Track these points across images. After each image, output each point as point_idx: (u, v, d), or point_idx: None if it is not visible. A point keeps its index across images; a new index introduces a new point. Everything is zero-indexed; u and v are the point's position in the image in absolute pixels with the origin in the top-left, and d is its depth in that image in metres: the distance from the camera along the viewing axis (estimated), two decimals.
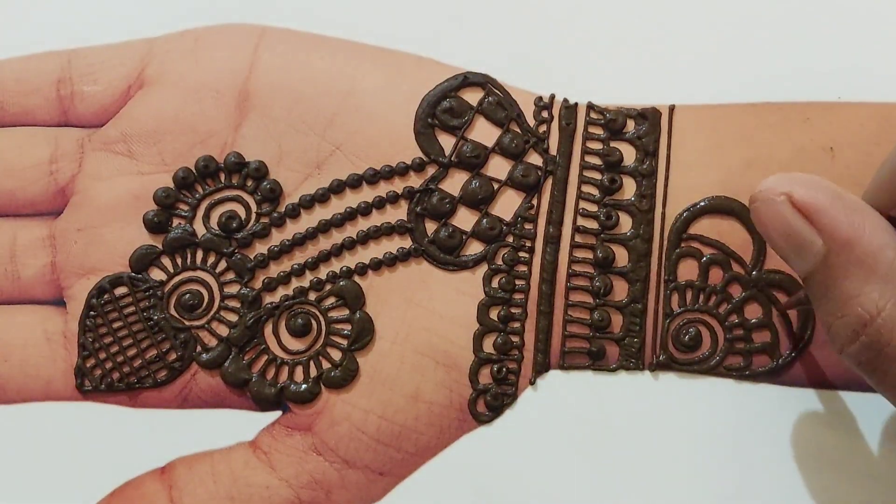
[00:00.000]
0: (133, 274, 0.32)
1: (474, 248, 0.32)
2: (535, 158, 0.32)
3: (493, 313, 0.31)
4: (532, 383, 0.31)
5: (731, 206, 0.31)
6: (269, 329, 0.32)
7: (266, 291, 0.32)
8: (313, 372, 0.31)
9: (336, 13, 0.33)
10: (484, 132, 0.32)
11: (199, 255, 0.32)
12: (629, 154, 0.32)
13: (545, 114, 0.32)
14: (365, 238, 0.32)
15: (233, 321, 0.31)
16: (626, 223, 0.31)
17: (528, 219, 0.32)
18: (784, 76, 0.32)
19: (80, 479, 0.31)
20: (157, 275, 0.32)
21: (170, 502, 0.30)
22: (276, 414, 0.31)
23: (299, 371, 0.31)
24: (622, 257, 0.31)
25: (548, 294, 0.31)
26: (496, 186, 0.32)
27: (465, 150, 0.32)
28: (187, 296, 0.31)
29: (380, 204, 0.32)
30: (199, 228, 0.32)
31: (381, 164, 0.32)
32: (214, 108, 0.32)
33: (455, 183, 0.32)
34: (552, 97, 0.32)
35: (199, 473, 0.31)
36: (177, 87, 0.32)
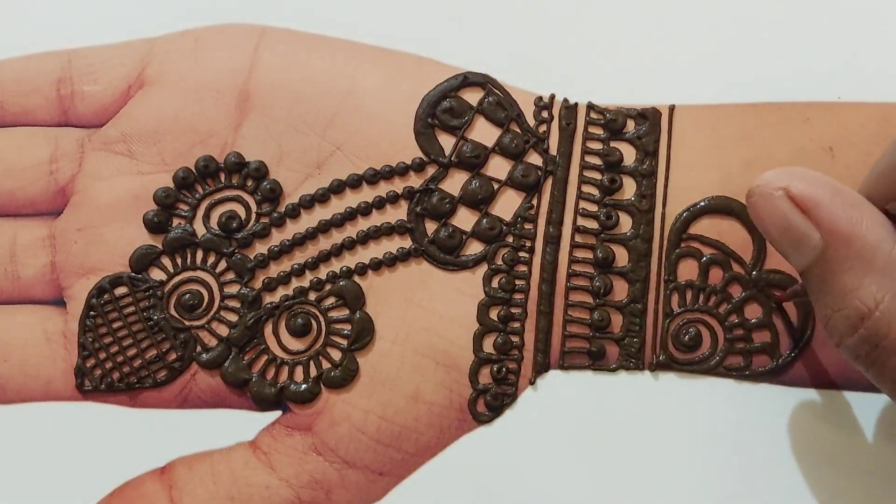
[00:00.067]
0: (133, 274, 0.32)
1: (474, 248, 0.32)
2: (535, 158, 0.32)
3: (493, 313, 0.31)
4: (532, 383, 0.31)
5: (731, 206, 0.31)
6: (269, 329, 0.32)
7: (266, 291, 0.32)
8: (313, 372, 0.31)
9: (336, 13, 0.33)
10: (484, 132, 0.32)
11: (199, 255, 0.32)
12: (629, 154, 0.32)
13: (545, 114, 0.32)
14: (365, 238, 0.32)
15: (233, 321, 0.31)
16: (626, 223, 0.31)
17: (528, 219, 0.31)
18: (784, 76, 0.32)
19: (80, 479, 0.31)
20: (157, 275, 0.32)
21: (170, 502, 0.30)
22: (276, 414, 0.31)
23: (299, 371, 0.31)
24: (622, 257, 0.31)
25: (548, 294, 0.31)
26: (496, 186, 0.32)
27: (465, 150, 0.32)
28: (187, 296, 0.31)
29: (380, 204, 0.32)
30: (199, 228, 0.32)
31: (381, 164, 0.32)
32: (214, 108, 0.32)
33: (455, 183, 0.32)
34: (552, 97, 0.32)
35: (198, 473, 0.31)
36: (177, 87, 0.32)
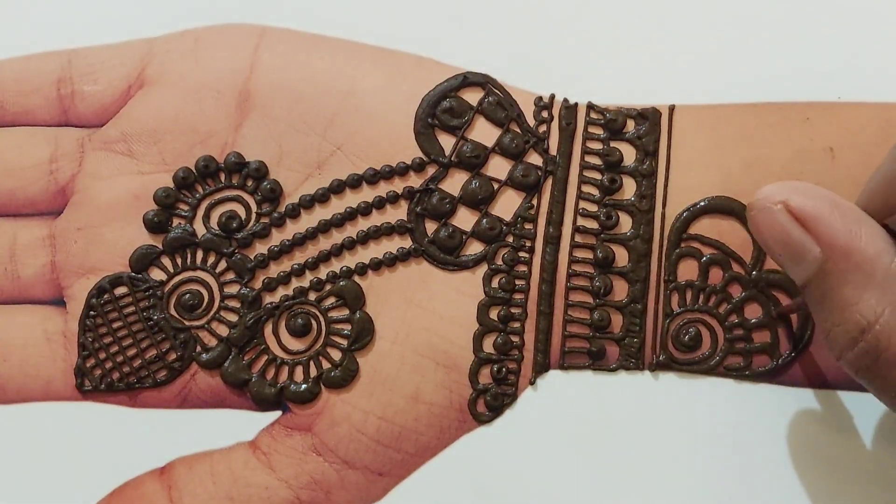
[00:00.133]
0: (133, 274, 0.32)
1: (474, 248, 0.32)
2: (535, 158, 0.32)
3: (493, 313, 0.31)
4: (532, 383, 0.31)
5: (731, 206, 0.31)
6: (269, 329, 0.32)
7: (266, 291, 0.32)
8: (313, 372, 0.31)
9: (336, 13, 0.33)
10: (484, 132, 0.32)
11: (199, 255, 0.32)
12: (629, 154, 0.32)
13: (545, 114, 0.32)
14: (365, 238, 0.32)
15: (233, 321, 0.31)
16: (626, 223, 0.31)
17: (528, 219, 0.31)
18: (784, 76, 0.32)
19: (80, 479, 0.31)
20: (157, 275, 0.32)
21: (169, 502, 0.30)
22: (276, 414, 0.31)
23: (299, 371, 0.31)
24: (622, 257, 0.31)
25: (548, 294, 0.31)
26: (496, 186, 0.32)
27: (465, 150, 0.32)
28: (187, 296, 0.31)
29: (380, 204, 0.32)
30: (199, 228, 0.32)
31: (382, 164, 0.32)
32: (215, 108, 0.32)
33: (455, 183, 0.32)
34: (552, 97, 0.32)
35: (198, 474, 0.31)
36: (177, 86, 0.32)
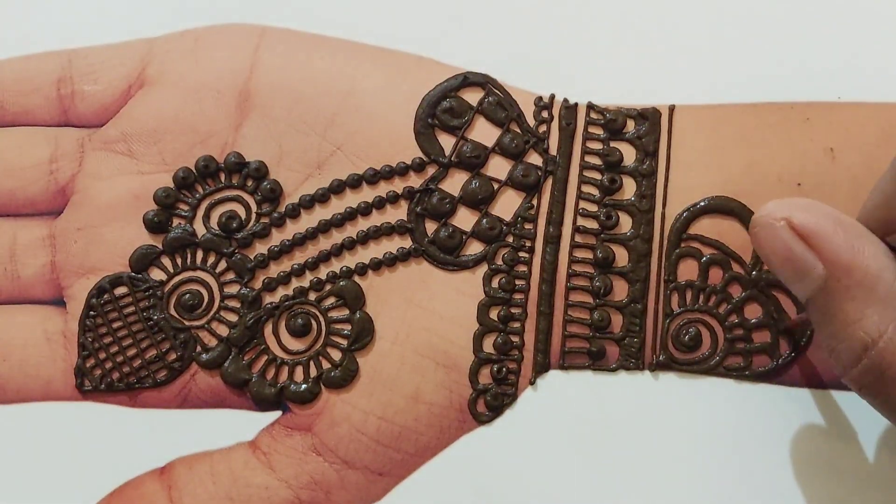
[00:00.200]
0: (133, 274, 0.32)
1: (474, 248, 0.32)
2: (535, 158, 0.32)
3: (493, 313, 0.31)
4: (532, 383, 0.31)
5: (731, 206, 0.31)
6: (269, 329, 0.32)
7: (266, 291, 0.32)
8: (313, 372, 0.31)
9: (336, 13, 0.33)
10: (484, 132, 0.32)
11: (199, 255, 0.32)
12: (629, 154, 0.32)
13: (545, 114, 0.32)
14: (365, 238, 0.32)
15: (233, 321, 0.31)
16: (626, 223, 0.31)
17: (528, 219, 0.31)
18: (784, 76, 0.32)
19: (80, 479, 0.31)
20: (157, 275, 0.32)
21: (169, 502, 0.30)
22: (276, 414, 0.31)
23: (299, 371, 0.31)
24: (622, 257, 0.31)
25: (548, 294, 0.31)
26: (496, 186, 0.32)
27: (465, 150, 0.32)
28: (187, 296, 0.31)
29: (380, 204, 0.32)
30: (199, 228, 0.32)
31: (382, 164, 0.32)
32: (215, 108, 0.32)
33: (455, 183, 0.32)
34: (552, 97, 0.32)
35: (198, 474, 0.31)
36: (177, 86, 0.32)
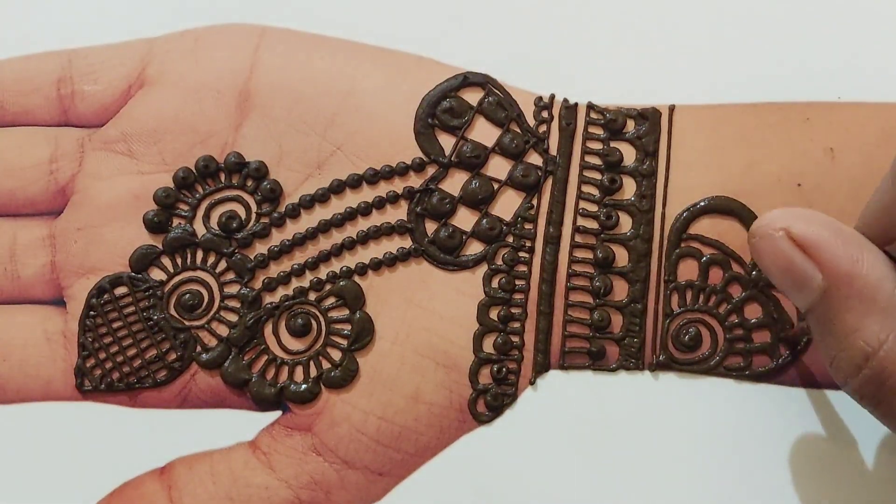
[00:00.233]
0: (133, 274, 0.32)
1: (474, 248, 0.32)
2: (535, 158, 0.32)
3: (493, 313, 0.31)
4: (532, 383, 0.31)
5: (731, 206, 0.31)
6: (269, 329, 0.32)
7: (266, 291, 0.32)
8: (313, 372, 0.31)
9: (336, 13, 0.33)
10: (484, 132, 0.32)
11: (199, 255, 0.32)
12: (629, 154, 0.32)
13: (545, 114, 0.32)
14: (365, 238, 0.32)
15: (233, 321, 0.31)
16: (626, 223, 0.31)
17: (528, 219, 0.31)
18: (784, 76, 0.32)
19: (80, 479, 0.31)
20: (157, 275, 0.32)
21: (169, 502, 0.30)
22: (276, 414, 0.31)
23: (299, 371, 0.31)
24: (622, 257, 0.31)
25: (548, 294, 0.31)
26: (496, 186, 0.32)
27: (465, 150, 0.32)
28: (187, 296, 0.31)
29: (380, 204, 0.32)
30: (199, 228, 0.32)
31: (382, 164, 0.32)
32: (215, 108, 0.32)
33: (455, 183, 0.32)
34: (552, 97, 0.32)
35: (198, 474, 0.31)
36: (177, 86, 0.32)
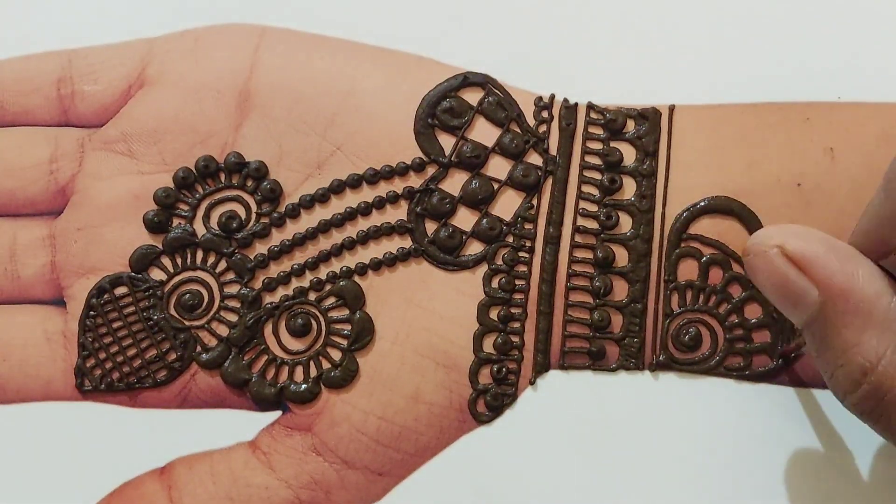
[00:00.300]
0: (133, 274, 0.32)
1: (474, 248, 0.32)
2: (535, 158, 0.32)
3: (493, 313, 0.31)
4: (532, 383, 0.31)
5: (731, 206, 0.31)
6: (269, 329, 0.32)
7: (266, 291, 0.32)
8: (313, 372, 0.31)
9: (336, 13, 0.33)
10: (484, 132, 0.32)
11: (199, 255, 0.32)
12: (629, 154, 0.32)
13: (545, 114, 0.32)
14: (365, 238, 0.32)
15: (233, 321, 0.31)
16: (626, 223, 0.31)
17: (528, 219, 0.31)
18: (784, 76, 0.32)
19: (80, 479, 0.31)
20: (157, 275, 0.32)
21: (169, 502, 0.30)
22: (276, 414, 0.31)
23: (299, 371, 0.31)
24: (622, 257, 0.31)
25: (548, 294, 0.31)
26: (496, 186, 0.32)
27: (465, 150, 0.32)
28: (187, 296, 0.31)
29: (380, 204, 0.32)
30: (199, 228, 0.32)
31: (382, 164, 0.32)
32: (215, 108, 0.32)
33: (455, 183, 0.32)
34: (552, 97, 0.32)
35: (198, 474, 0.31)
36: (177, 86, 0.32)
